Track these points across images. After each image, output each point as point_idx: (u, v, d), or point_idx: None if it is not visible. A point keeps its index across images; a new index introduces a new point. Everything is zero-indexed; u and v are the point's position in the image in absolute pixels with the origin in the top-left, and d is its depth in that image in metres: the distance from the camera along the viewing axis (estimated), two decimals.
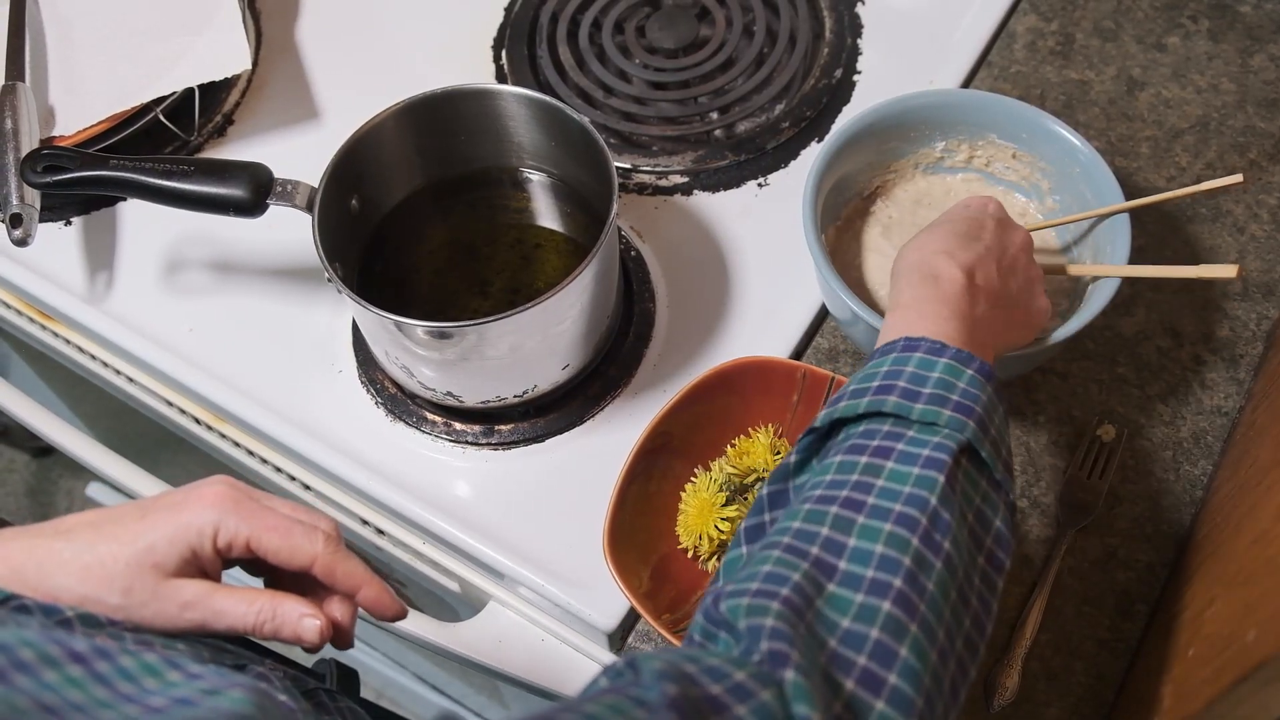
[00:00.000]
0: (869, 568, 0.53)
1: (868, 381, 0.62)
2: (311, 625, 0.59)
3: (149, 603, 0.57)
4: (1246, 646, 0.57)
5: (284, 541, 0.60)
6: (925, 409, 0.59)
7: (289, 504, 0.62)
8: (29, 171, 0.82)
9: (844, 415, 0.61)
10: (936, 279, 0.67)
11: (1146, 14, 1.04)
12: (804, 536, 0.55)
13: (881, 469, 0.58)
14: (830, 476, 0.58)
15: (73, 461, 0.98)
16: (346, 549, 0.62)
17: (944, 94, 0.89)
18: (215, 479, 0.61)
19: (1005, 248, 0.73)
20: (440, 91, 0.85)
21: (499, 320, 0.75)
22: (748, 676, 0.48)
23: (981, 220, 0.73)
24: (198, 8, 1.01)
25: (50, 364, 1.08)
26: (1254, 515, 0.68)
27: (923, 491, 0.56)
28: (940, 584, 0.54)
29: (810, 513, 0.56)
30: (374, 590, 0.62)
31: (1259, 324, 0.89)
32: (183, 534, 0.58)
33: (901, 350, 0.63)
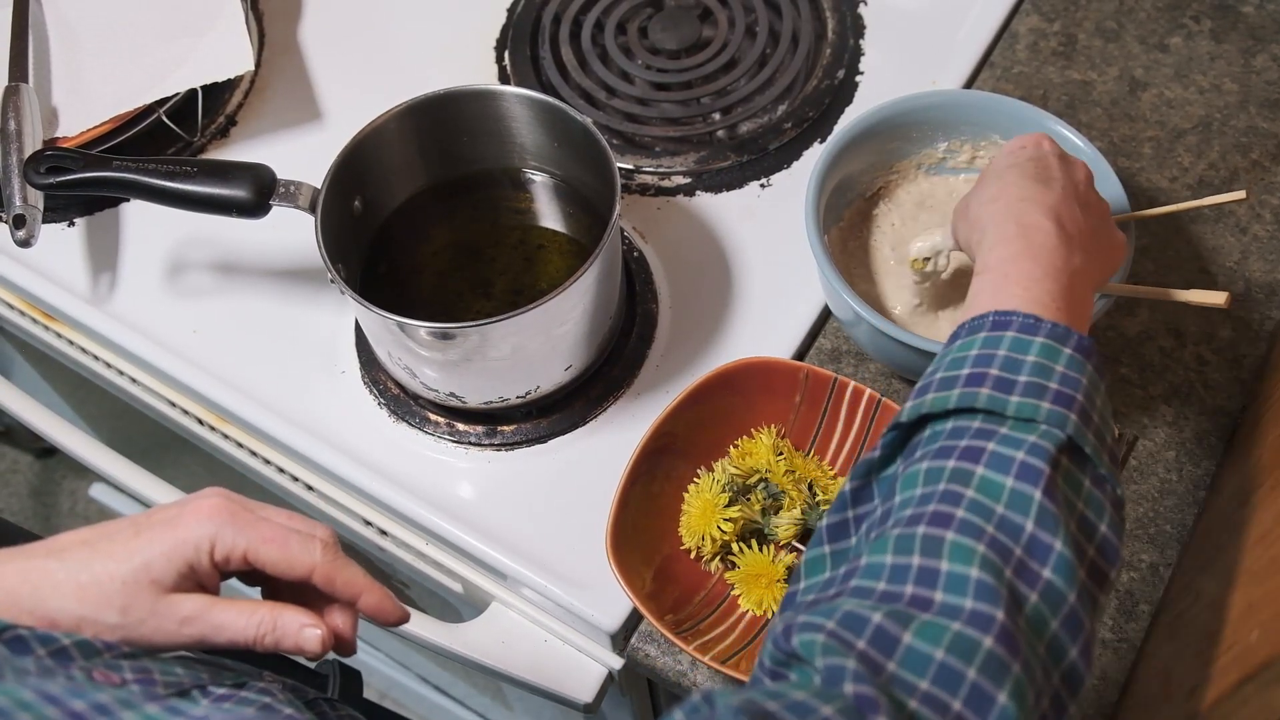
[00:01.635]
0: (966, 597, 0.49)
1: (957, 368, 0.58)
2: (313, 635, 0.59)
3: (147, 620, 0.57)
4: (1250, 647, 0.57)
5: (282, 553, 0.59)
6: (1021, 403, 0.55)
7: (285, 513, 0.62)
8: (32, 173, 0.82)
9: (932, 410, 0.57)
10: (1025, 232, 0.63)
11: (1149, 14, 1.04)
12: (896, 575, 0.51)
13: (971, 476, 0.53)
14: (918, 491, 0.54)
15: (76, 462, 0.98)
16: (345, 556, 0.62)
17: (946, 94, 0.89)
18: (209, 491, 0.61)
19: (1075, 181, 0.68)
20: (443, 92, 0.85)
21: (502, 321, 0.75)
22: (835, 712, 0.46)
23: (1044, 159, 0.69)
24: (201, 9, 1.01)
25: (53, 365, 1.08)
26: (1257, 516, 0.68)
27: (1017, 516, 0.52)
28: (1037, 617, 0.50)
29: (900, 539, 0.52)
30: (375, 596, 0.62)
31: (1261, 324, 0.89)
32: (179, 549, 0.58)
33: (991, 328, 0.59)
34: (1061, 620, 0.51)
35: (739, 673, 0.72)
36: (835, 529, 0.59)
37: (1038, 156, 0.69)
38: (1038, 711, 0.49)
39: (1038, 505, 0.52)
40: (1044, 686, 0.49)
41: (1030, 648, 0.49)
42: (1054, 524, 0.52)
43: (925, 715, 0.47)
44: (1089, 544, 0.54)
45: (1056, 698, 0.50)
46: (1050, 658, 0.50)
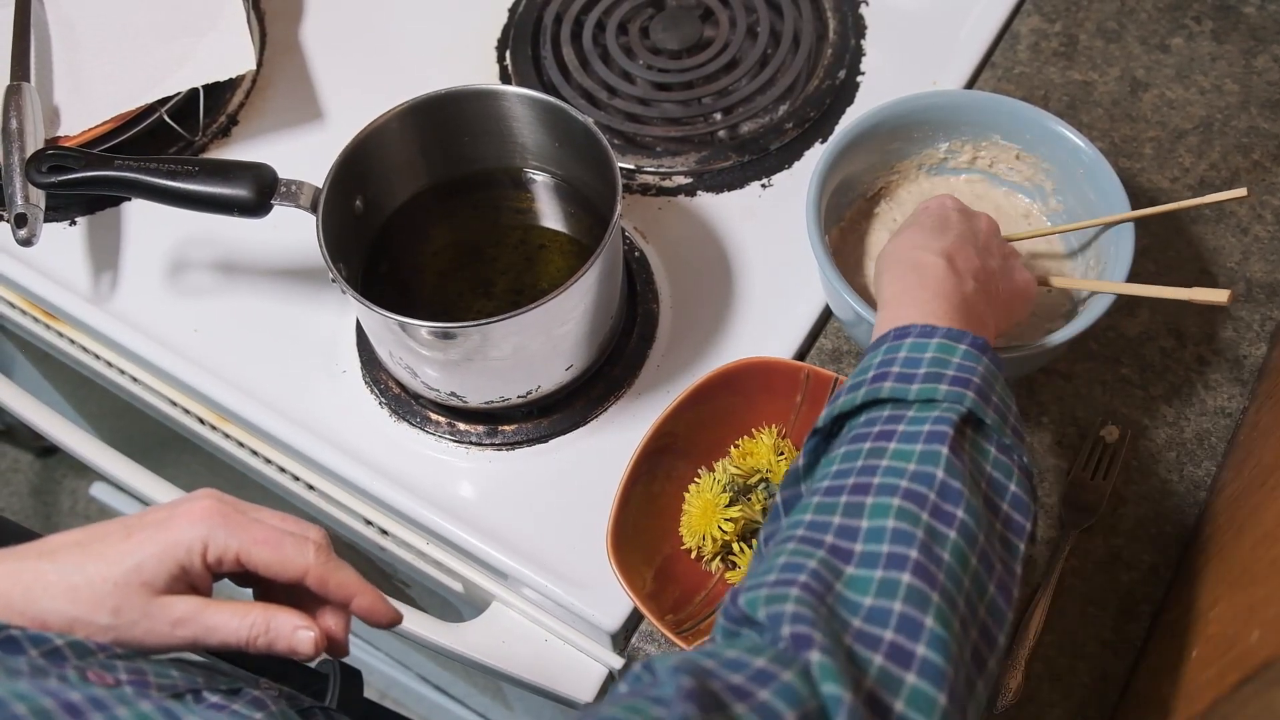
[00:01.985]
0: (883, 544, 0.53)
1: (862, 375, 0.62)
2: (306, 637, 0.59)
3: (139, 621, 0.57)
4: (1250, 647, 0.57)
5: (275, 554, 0.59)
6: (922, 387, 0.59)
7: (278, 515, 0.62)
8: (34, 172, 0.82)
9: (843, 410, 0.61)
10: (918, 268, 0.68)
11: (1150, 15, 1.04)
12: (817, 527, 0.55)
13: (885, 450, 0.57)
14: (836, 467, 0.58)
15: (77, 461, 0.98)
16: (338, 557, 0.61)
17: (947, 95, 0.89)
18: (202, 493, 0.61)
19: (975, 232, 0.73)
20: (444, 92, 0.85)
21: (503, 321, 0.75)
22: (768, 661, 0.48)
23: (944, 214, 0.74)
24: (202, 9, 1.02)
25: (55, 364, 1.08)
26: (1258, 516, 0.68)
27: (928, 467, 0.56)
28: (956, 553, 0.53)
29: (820, 505, 0.56)
30: (368, 598, 0.62)
31: (1262, 325, 0.89)
32: (171, 551, 0.58)
33: (893, 340, 0.63)
34: (979, 555, 0.54)
35: None
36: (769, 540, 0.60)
37: (936, 211, 0.74)
38: (968, 641, 0.52)
39: (945, 458, 0.56)
40: (969, 617, 0.52)
41: (951, 579, 0.52)
42: (959, 472, 0.56)
43: (860, 648, 0.50)
44: (1001, 500, 0.58)
45: (984, 629, 0.53)
46: (974, 590, 0.53)
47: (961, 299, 0.67)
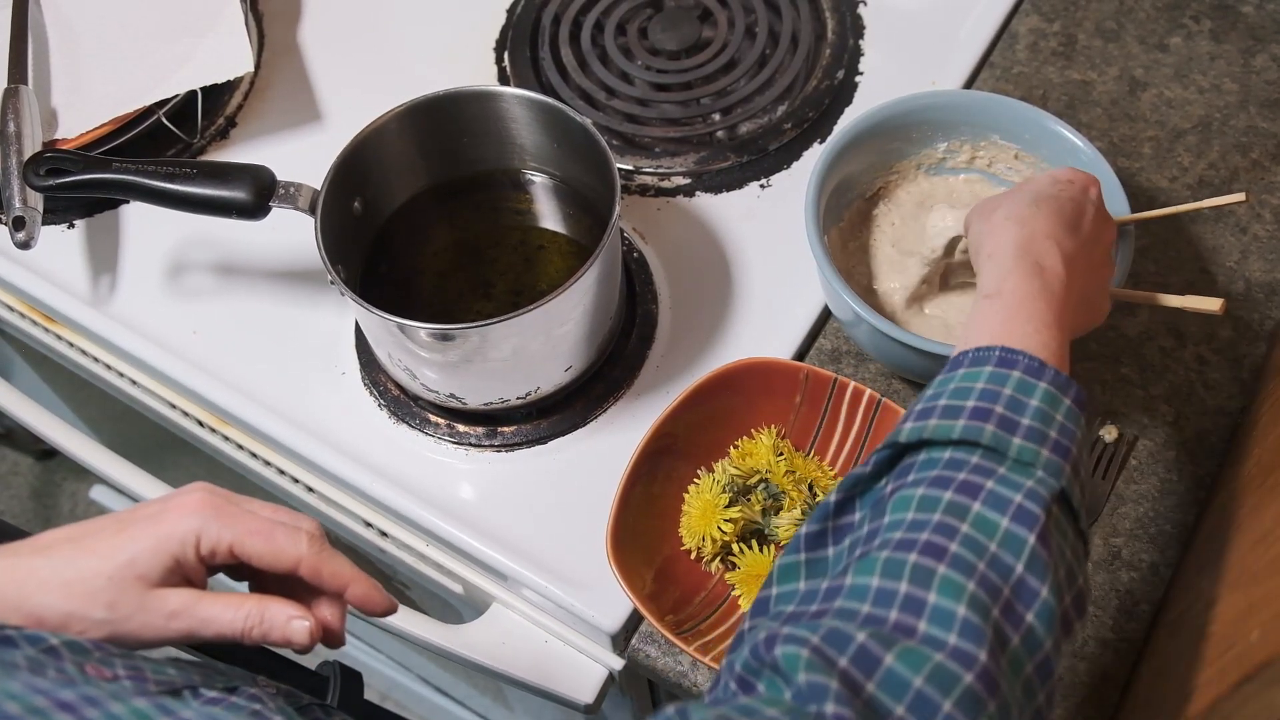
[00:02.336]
0: (951, 633, 0.49)
1: (962, 398, 0.58)
2: (300, 627, 0.59)
3: (134, 615, 0.57)
4: (1250, 647, 0.57)
5: (267, 545, 0.59)
6: (1023, 446, 0.55)
7: (270, 506, 0.62)
8: (32, 174, 0.82)
9: (934, 437, 0.57)
10: (1040, 270, 0.63)
11: (1149, 14, 1.04)
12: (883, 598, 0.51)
13: (968, 511, 0.53)
14: (911, 515, 0.54)
15: (76, 464, 0.98)
16: (331, 547, 0.61)
17: (946, 95, 0.89)
18: (194, 486, 0.61)
19: (1098, 241, 0.69)
20: (443, 93, 0.85)
21: (502, 322, 0.75)
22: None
23: (1084, 205, 0.69)
24: (200, 10, 1.01)
25: (53, 367, 1.08)
26: (1257, 516, 0.68)
27: (1009, 556, 0.52)
28: (1015, 663, 0.50)
29: (889, 562, 0.52)
30: (362, 587, 0.61)
31: (1261, 324, 0.89)
32: (165, 544, 0.58)
33: (998, 364, 0.59)
34: (1036, 665, 0.51)
35: None
36: (813, 538, 0.59)
37: (1079, 200, 0.69)
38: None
39: (1030, 549, 0.52)
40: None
41: (1009, 688, 0.49)
42: (1043, 570, 0.52)
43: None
44: (1068, 593, 0.55)
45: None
46: (1025, 698, 0.51)
47: (1068, 331, 0.63)
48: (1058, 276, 0.64)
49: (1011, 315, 0.62)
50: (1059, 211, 0.67)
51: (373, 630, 0.92)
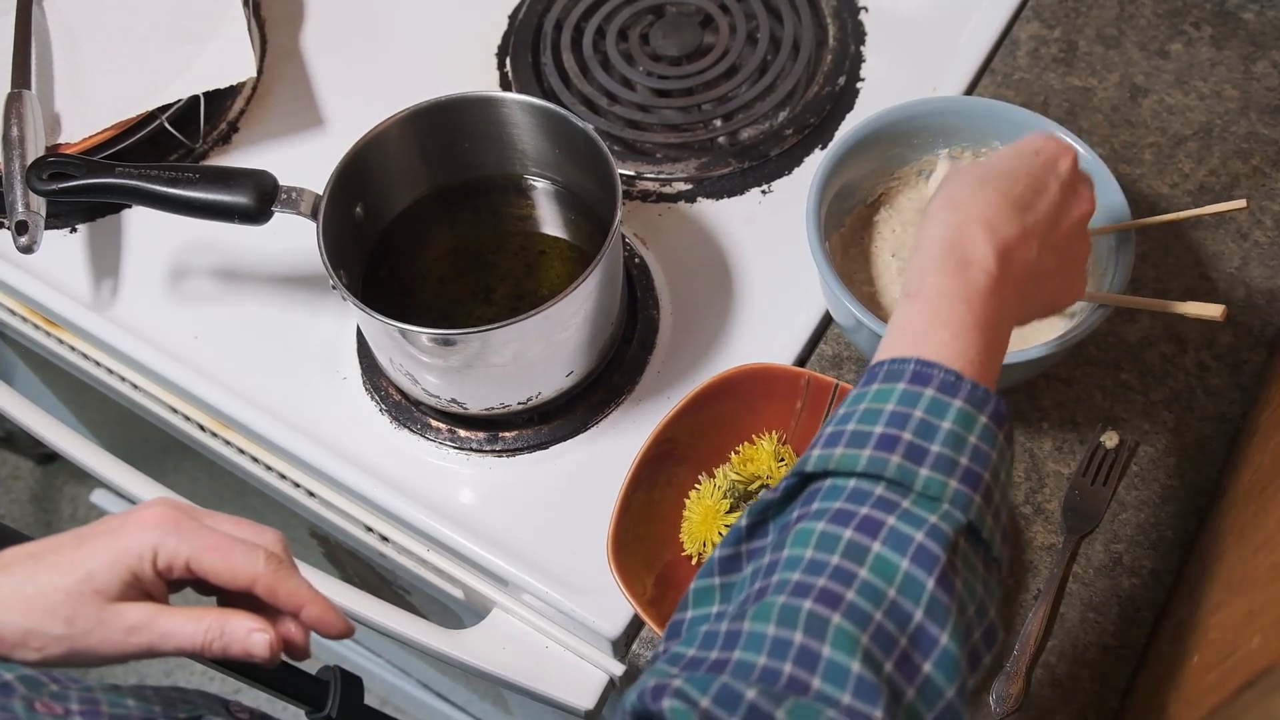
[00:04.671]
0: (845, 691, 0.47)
1: (870, 423, 0.55)
2: (260, 640, 0.58)
3: (93, 630, 0.57)
4: (1251, 653, 0.57)
5: (224, 562, 0.59)
6: (930, 478, 0.53)
7: (234, 521, 0.61)
8: (35, 179, 0.82)
9: (839, 468, 0.54)
10: (966, 266, 0.59)
11: (1149, 21, 1.04)
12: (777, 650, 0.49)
13: (866, 553, 0.51)
14: (810, 554, 0.52)
15: (77, 468, 0.98)
16: (290, 566, 0.61)
17: (947, 101, 0.89)
18: (155, 500, 0.60)
19: (1059, 221, 0.64)
20: (445, 99, 0.85)
21: (503, 327, 0.75)
22: None
23: (1044, 180, 0.64)
24: (203, 16, 1.02)
25: (55, 371, 1.08)
26: (1258, 522, 0.68)
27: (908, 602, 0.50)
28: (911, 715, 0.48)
29: (785, 609, 0.50)
30: (317, 609, 0.61)
31: (1262, 330, 0.89)
32: (122, 558, 0.58)
33: (910, 381, 0.56)
34: (936, 715, 0.49)
35: None
36: (727, 561, 0.57)
37: (1038, 175, 0.64)
38: None
39: (929, 595, 0.50)
40: None
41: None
42: (944, 614, 0.50)
43: None
44: (976, 628, 0.52)
45: None
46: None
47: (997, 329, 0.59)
48: (985, 271, 0.59)
49: (930, 320, 0.58)
50: (1006, 191, 0.62)
51: (373, 635, 0.92)
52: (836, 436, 0.56)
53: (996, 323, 0.59)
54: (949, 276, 0.59)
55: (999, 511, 0.55)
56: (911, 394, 0.56)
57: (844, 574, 0.50)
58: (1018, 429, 0.86)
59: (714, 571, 0.57)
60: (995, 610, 0.54)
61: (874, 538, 0.51)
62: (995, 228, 0.60)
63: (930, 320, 0.58)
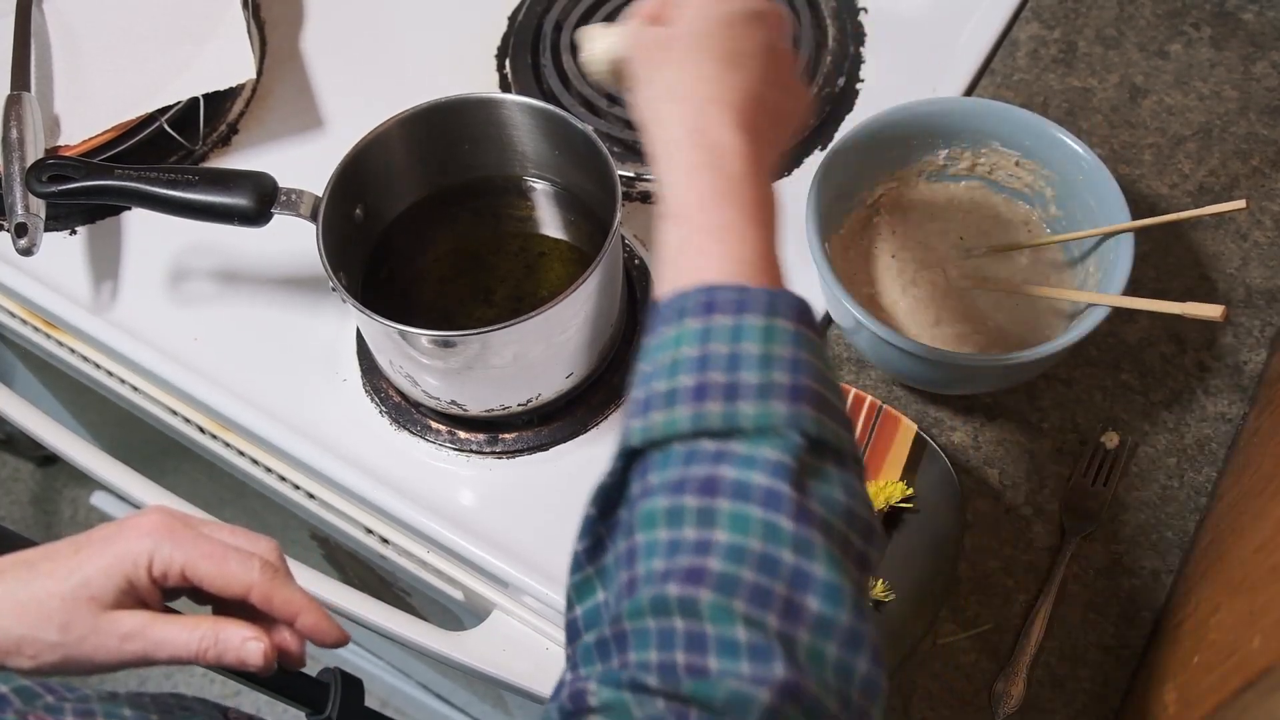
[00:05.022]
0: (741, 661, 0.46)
1: (673, 376, 0.52)
2: (255, 648, 0.58)
3: (88, 637, 0.57)
4: (1251, 653, 0.57)
5: (219, 569, 0.59)
6: (755, 414, 0.50)
7: (229, 529, 0.61)
8: (34, 181, 0.83)
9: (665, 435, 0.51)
10: (717, 159, 0.55)
11: (1149, 21, 1.04)
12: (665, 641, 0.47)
13: (716, 515, 0.49)
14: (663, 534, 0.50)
15: (77, 470, 0.98)
16: (286, 575, 0.61)
17: (947, 102, 0.89)
18: (151, 508, 0.61)
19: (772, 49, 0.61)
20: (444, 100, 0.85)
21: (503, 329, 0.75)
22: None
23: (731, 21, 0.60)
24: (202, 17, 1.02)
25: (55, 373, 1.08)
26: (1258, 522, 0.68)
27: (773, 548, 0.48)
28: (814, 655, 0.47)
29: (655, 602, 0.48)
30: (312, 617, 0.61)
31: (1263, 330, 0.89)
32: (117, 565, 0.57)
33: (698, 314, 0.52)
34: (840, 643, 0.48)
35: None
36: (591, 551, 0.55)
37: (726, 20, 0.59)
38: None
39: (790, 535, 0.48)
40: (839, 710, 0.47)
41: (817, 683, 0.47)
42: (810, 548, 0.48)
43: None
44: (853, 537, 0.50)
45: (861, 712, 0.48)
46: (839, 680, 0.48)
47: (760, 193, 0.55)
48: (739, 155, 0.55)
49: (700, 241, 0.54)
50: (710, 51, 0.58)
51: (374, 637, 0.92)
52: (648, 403, 0.52)
53: (761, 199, 0.56)
54: (700, 177, 0.55)
55: (833, 407, 0.52)
56: (703, 330, 0.52)
57: (701, 545, 0.48)
58: (1018, 429, 0.86)
59: (583, 564, 0.55)
60: (866, 508, 0.52)
61: (717, 495, 0.49)
62: (725, 97, 0.56)
63: (701, 240, 0.54)
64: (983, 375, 0.81)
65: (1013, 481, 0.84)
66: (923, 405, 0.87)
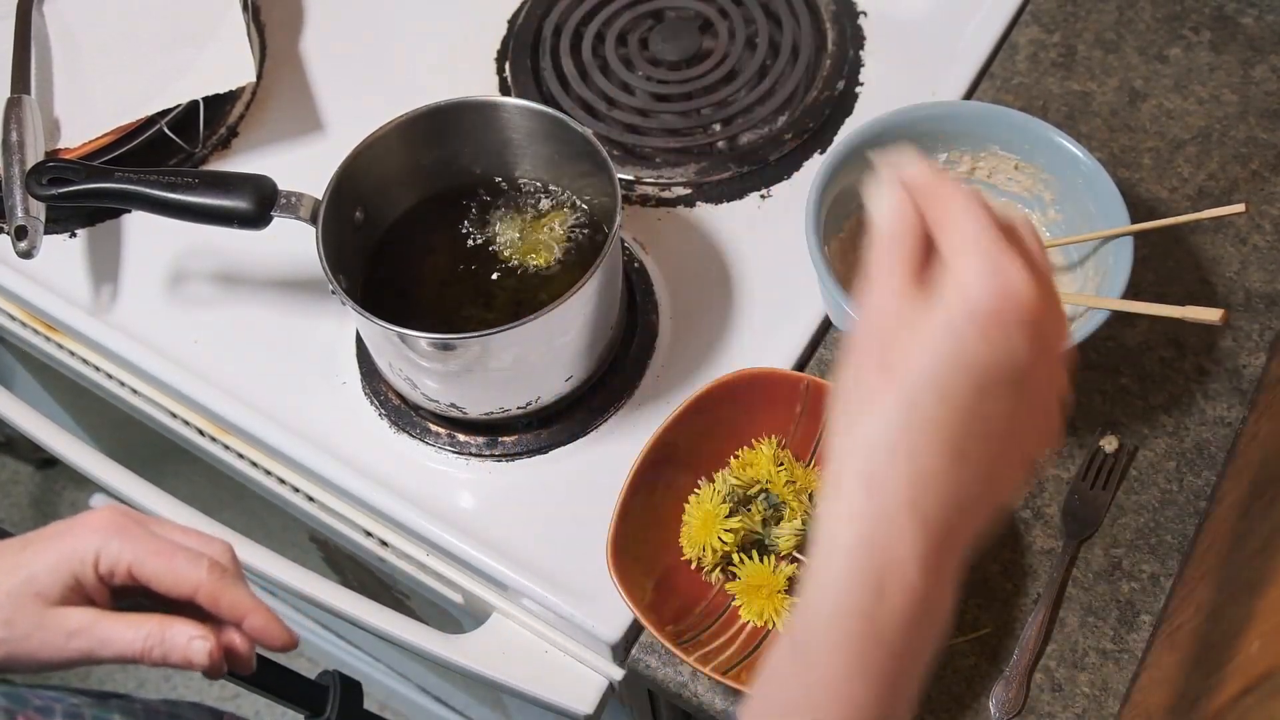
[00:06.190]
0: None
1: None
2: (201, 648, 0.58)
3: (32, 633, 0.56)
4: (1251, 657, 0.57)
5: (167, 567, 0.58)
6: None
7: (183, 530, 0.61)
8: (34, 184, 0.83)
9: None
10: (880, 594, 0.43)
11: (1148, 25, 1.04)
12: None
13: None
14: None
15: (76, 473, 0.98)
16: (235, 576, 0.60)
17: (946, 106, 0.90)
18: (103, 507, 0.60)
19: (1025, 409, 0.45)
20: (444, 103, 0.86)
21: (503, 332, 0.75)
22: None
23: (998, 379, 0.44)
24: (202, 20, 1.02)
25: (54, 375, 1.08)
26: (1257, 527, 0.68)
27: None
28: None
29: None
30: (260, 619, 0.60)
31: (1261, 334, 0.89)
32: (64, 561, 0.57)
33: None
34: None
35: (740, 684, 0.72)
36: None
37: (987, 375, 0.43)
38: None
39: None
40: None
41: None
42: None
43: None
44: None
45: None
46: None
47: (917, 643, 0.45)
48: (907, 593, 0.43)
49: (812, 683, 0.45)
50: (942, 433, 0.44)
51: (372, 639, 0.92)
52: None
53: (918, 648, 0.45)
54: (858, 597, 0.44)
55: None
56: None
57: None
58: None
59: None
60: None
61: None
62: (927, 515, 0.43)
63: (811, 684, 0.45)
64: None
65: None
66: None
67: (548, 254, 0.88)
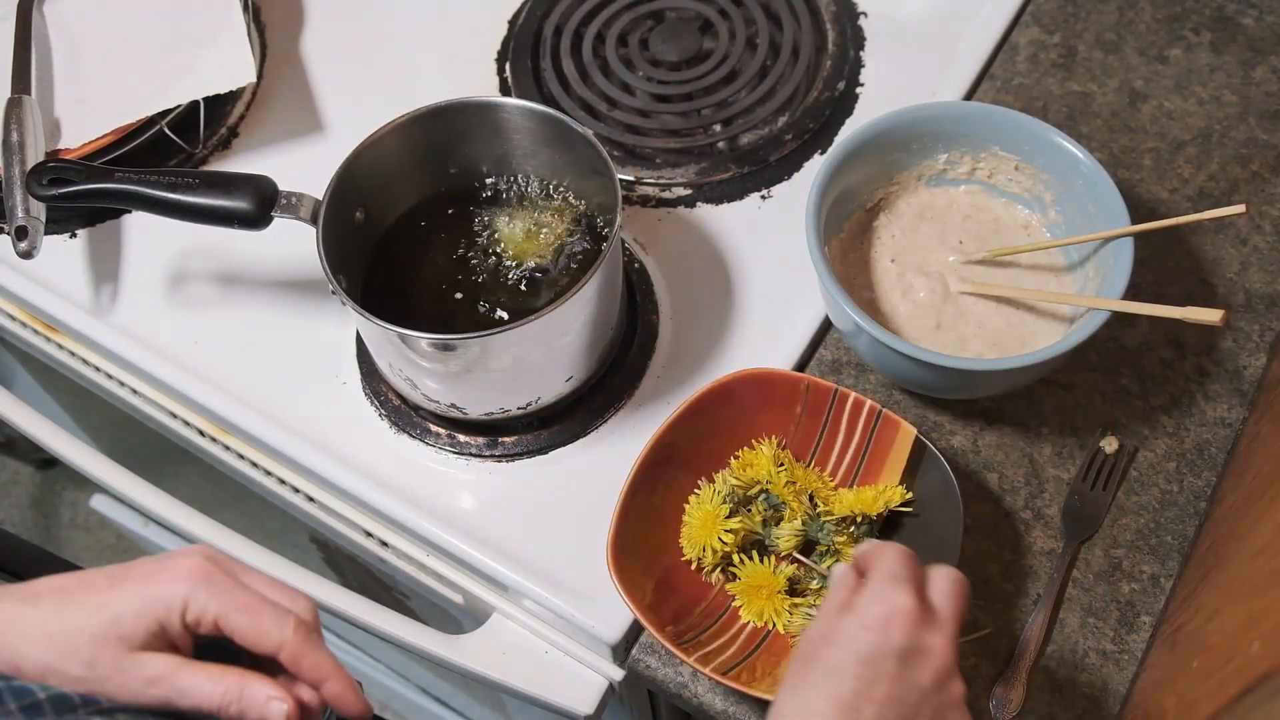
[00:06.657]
0: None
1: None
2: (278, 710, 0.57)
3: (112, 676, 0.56)
4: (1251, 658, 0.57)
5: (253, 624, 0.58)
6: None
7: (269, 582, 0.60)
8: (34, 184, 0.83)
9: None
10: None
11: (1149, 26, 1.04)
12: None
13: None
14: None
15: (77, 473, 0.98)
16: (318, 637, 0.60)
17: (946, 106, 0.90)
18: (194, 549, 0.60)
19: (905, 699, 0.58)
20: (445, 104, 0.86)
21: (503, 332, 0.75)
22: None
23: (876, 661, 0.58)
24: (203, 21, 1.02)
25: (55, 376, 1.08)
26: (1258, 527, 0.68)
27: None
28: None
29: None
30: (339, 686, 0.60)
31: (1262, 335, 0.89)
32: (151, 606, 0.57)
33: None
34: None
35: (740, 684, 0.72)
36: None
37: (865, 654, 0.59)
38: None
39: None
40: None
41: None
42: None
43: None
44: None
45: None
46: None
47: None
48: None
49: None
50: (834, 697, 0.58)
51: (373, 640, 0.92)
52: None
53: None
54: None
55: None
56: None
57: None
58: (1018, 433, 0.86)
59: None
60: None
61: None
62: None
63: None
64: (982, 380, 0.81)
65: (1012, 486, 0.84)
66: (922, 409, 0.87)
67: (548, 254, 0.88)
